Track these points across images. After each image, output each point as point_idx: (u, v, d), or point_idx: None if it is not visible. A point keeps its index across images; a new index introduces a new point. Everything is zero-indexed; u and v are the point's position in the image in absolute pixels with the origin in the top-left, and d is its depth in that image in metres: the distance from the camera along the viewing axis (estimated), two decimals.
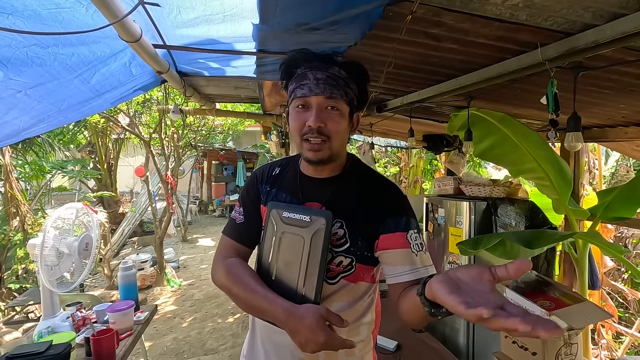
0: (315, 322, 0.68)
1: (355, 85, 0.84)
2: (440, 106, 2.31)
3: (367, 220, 0.82)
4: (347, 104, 0.82)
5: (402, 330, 2.47)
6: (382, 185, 0.88)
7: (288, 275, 0.80)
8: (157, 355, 3.13)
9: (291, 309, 0.72)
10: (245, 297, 0.79)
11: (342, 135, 0.82)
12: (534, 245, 1.77)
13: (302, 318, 0.69)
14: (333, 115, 0.79)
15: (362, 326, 0.88)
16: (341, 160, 0.89)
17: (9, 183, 4.05)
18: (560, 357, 1.63)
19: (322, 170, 0.87)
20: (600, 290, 2.94)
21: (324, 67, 0.80)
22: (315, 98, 0.78)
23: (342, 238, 0.82)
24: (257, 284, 0.80)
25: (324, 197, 0.85)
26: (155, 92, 5.46)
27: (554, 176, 2.02)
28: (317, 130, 0.78)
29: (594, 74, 1.24)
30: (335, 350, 0.70)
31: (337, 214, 0.81)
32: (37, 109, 1.41)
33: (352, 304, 0.85)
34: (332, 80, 0.79)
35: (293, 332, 0.70)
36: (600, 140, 2.35)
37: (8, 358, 1.35)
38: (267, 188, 0.92)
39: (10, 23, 0.94)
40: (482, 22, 0.98)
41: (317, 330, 0.67)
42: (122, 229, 6.73)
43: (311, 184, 0.88)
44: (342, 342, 0.69)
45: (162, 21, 1.20)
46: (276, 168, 0.95)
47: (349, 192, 0.85)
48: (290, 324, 0.71)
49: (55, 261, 1.78)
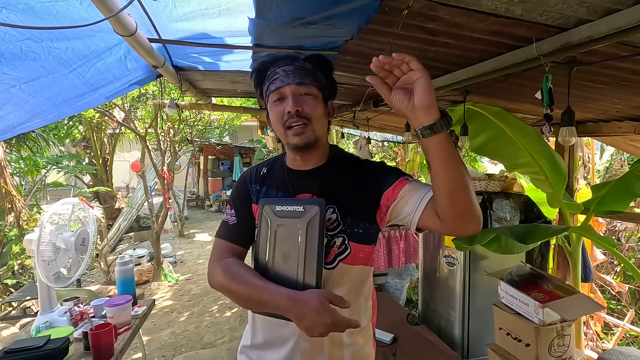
0: (319, 304, 0.69)
1: (322, 75, 0.89)
2: (436, 101, 2.32)
3: (362, 199, 0.86)
4: (319, 89, 0.87)
5: (398, 323, 2.50)
6: (365, 166, 0.93)
7: (287, 267, 0.81)
8: (155, 349, 3.15)
9: (295, 295, 0.73)
10: (245, 292, 0.80)
11: (321, 119, 0.87)
12: (528, 240, 1.79)
13: (306, 302, 0.71)
14: (308, 99, 0.84)
15: (363, 312, 0.91)
16: (325, 150, 0.93)
17: (4, 178, 4.02)
18: (553, 348, 1.66)
19: (308, 160, 0.91)
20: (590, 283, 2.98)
21: (290, 62, 0.86)
22: (289, 87, 0.83)
23: (335, 221, 0.85)
24: (257, 278, 0.81)
25: (314, 187, 0.88)
26: (151, 86, 5.42)
27: (549, 170, 2.04)
28: (297, 114, 0.82)
29: (589, 69, 1.24)
30: (342, 330, 0.71)
31: (329, 200, 0.84)
32: (32, 103, 1.40)
33: (353, 290, 0.87)
34: (300, 70, 0.85)
35: (299, 317, 0.71)
36: (595, 134, 2.36)
37: (7, 352, 1.35)
38: (257, 187, 0.95)
39: (4, 17, 0.93)
40: (477, 16, 0.98)
41: (322, 312, 0.69)
42: (118, 224, 6.71)
43: (299, 176, 0.91)
44: (347, 322, 0.70)
45: (158, 15, 1.19)
46: (263, 168, 0.98)
47: (337, 179, 0.89)
48: (295, 310, 0.71)
49: (52, 256, 1.77)
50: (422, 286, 2.87)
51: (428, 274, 2.76)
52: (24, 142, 4.75)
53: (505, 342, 1.79)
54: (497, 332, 1.83)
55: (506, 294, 1.80)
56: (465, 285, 2.34)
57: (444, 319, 2.53)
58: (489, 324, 1.91)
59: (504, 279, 1.84)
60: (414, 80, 0.67)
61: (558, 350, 1.66)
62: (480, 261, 2.36)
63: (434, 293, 2.68)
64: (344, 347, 0.87)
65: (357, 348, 0.89)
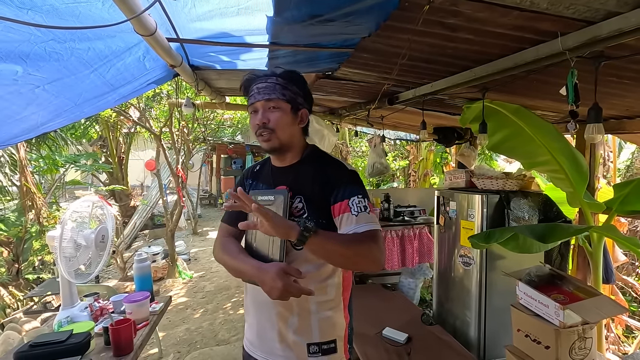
0: (275, 273, 0.88)
1: (295, 87, 1.04)
2: (452, 98, 2.28)
3: (321, 194, 1.02)
4: (287, 102, 1.03)
5: (412, 322, 2.48)
6: (332, 165, 1.08)
7: (262, 246, 1.03)
8: (171, 345, 3.20)
9: (260, 265, 0.94)
10: (232, 263, 1.03)
11: (286, 128, 1.04)
12: (547, 239, 1.75)
13: (266, 271, 0.90)
14: (275, 112, 1.02)
15: (330, 287, 1.06)
16: (298, 150, 1.10)
17: (24, 177, 4.13)
18: (574, 351, 1.61)
19: (284, 159, 1.10)
20: (611, 285, 2.90)
21: (264, 79, 1.03)
22: (259, 102, 1.02)
23: (302, 210, 1.03)
24: (240, 252, 1.05)
25: (288, 180, 1.07)
26: (166, 86, 5.49)
27: (569, 169, 1.98)
28: (263, 126, 1.01)
29: (614, 63, 1.20)
30: (297, 296, 0.87)
31: (297, 191, 1.03)
32: (55, 103, 1.43)
33: (319, 267, 1.03)
34: (270, 87, 1.01)
35: (261, 282, 0.90)
36: (617, 132, 2.29)
37: (32, 346, 1.39)
38: (250, 181, 1.18)
39: (30, 18, 0.95)
40: (501, 11, 0.96)
41: (277, 279, 0.86)
42: (133, 221, 6.84)
43: (279, 172, 1.11)
44: (299, 289, 0.87)
45: (177, 14, 1.20)
46: (257, 166, 1.21)
47: (307, 174, 1.06)
48: (258, 276, 0.92)
49: (74, 253, 1.82)
50: (436, 286, 2.84)
51: (443, 274, 2.72)
52: (44, 141, 4.87)
53: (523, 344, 1.76)
54: (515, 333, 1.80)
55: (524, 294, 1.76)
56: (482, 285, 2.30)
57: (460, 319, 2.49)
58: (506, 325, 1.88)
59: (522, 280, 1.80)
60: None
61: (579, 353, 1.62)
62: (497, 261, 2.32)
63: (449, 293, 2.64)
64: (311, 314, 1.03)
65: (324, 316, 1.04)
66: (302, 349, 1.03)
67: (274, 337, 1.04)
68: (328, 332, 1.05)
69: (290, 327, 1.03)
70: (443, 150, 5.68)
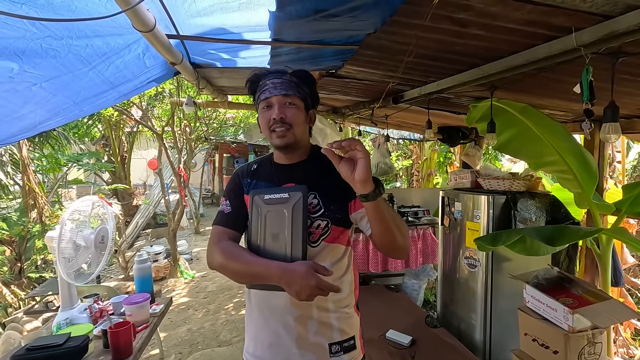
0: (306, 271, 0.84)
1: (306, 87, 1.03)
2: (458, 97, 2.24)
3: (335, 188, 1.00)
4: (301, 100, 1.02)
5: (416, 325, 2.45)
6: None
7: (277, 246, 0.96)
8: (172, 345, 3.17)
9: (285, 266, 0.88)
10: (242, 268, 0.95)
11: (301, 125, 1.02)
12: (556, 242, 1.70)
13: (295, 270, 0.86)
14: (291, 108, 1.00)
15: (345, 284, 1.05)
16: (306, 148, 1.09)
17: (27, 176, 4.12)
18: (583, 356, 1.57)
19: (291, 157, 1.07)
20: (620, 288, 2.85)
21: (279, 76, 1.00)
22: (275, 97, 0.99)
23: (317, 206, 1.01)
24: (251, 255, 0.96)
25: (297, 177, 1.04)
26: (168, 84, 5.47)
27: (578, 169, 1.94)
28: (280, 120, 0.98)
29: (629, 60, 1.16)
30: (326, 294, 0.85)
31: (310, 188, 1.00)
32: (53, 102, 1.41)
33: (334, 264, 1.02)
34: (286, 83, 0.99)
35: (289, 283, 0.85)
36: (628, 131, 2.24)
37: (29, 350, 1.37)
38: (248, 180, 1.11)
39: (24, 13, 0.92)
40: (513, 5, 0.92)
41: (308, 277, 0.83)
42: (136, 221, 6.83)
43: (284, 169, 1.07)
44: (330, 286, 0.85)
45: (176, 10, 1.17)
46: (254, 165, 1.15)
47: (316, 170, 1.04)
48: (285, 277, 0.86)
49: (73, 254, 1.79)
50: (441, 287, 2.79)
51: (448, 275, 2.68)
52: (46, 140, 4.86)
53: (530, 348, 1.72)
54: (522, 337, 1.76)
55: (532, 298, 1.72)
56: (488, 287, 2.26)
57: (465, 322, 2.45)
58: (513, 329, 1.83)
59: (530, 283, 1.76)
60: (357, 158, 0.84)
61: (589, 358, 1.58)
62: (503, 263, 2.27)
63: (453, 295, 2.60)
64: (330, 312, 1.01)
65: (342, 314, 1.04)
66: (324, 350, 1.00)
67: (290, 343, 0.99)
68: (347, 329, 1.04)
69: (310, 329, 0.99)
70: (447, 150, 5.63)
